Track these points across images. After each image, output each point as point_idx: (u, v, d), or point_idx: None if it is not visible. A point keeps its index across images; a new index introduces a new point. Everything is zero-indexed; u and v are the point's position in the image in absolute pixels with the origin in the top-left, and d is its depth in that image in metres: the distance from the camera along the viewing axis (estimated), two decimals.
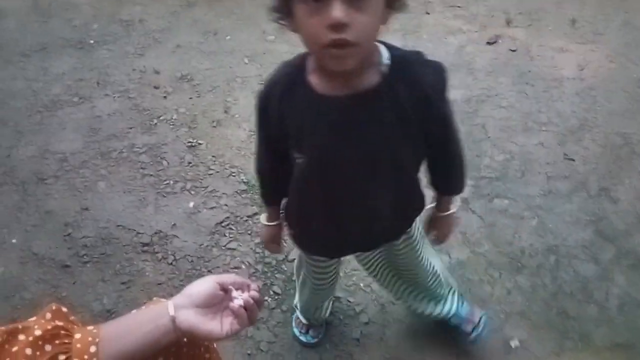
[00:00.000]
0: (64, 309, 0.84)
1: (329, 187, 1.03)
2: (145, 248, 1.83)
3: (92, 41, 2.76)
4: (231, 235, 1.84)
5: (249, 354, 1.54)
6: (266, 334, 1.58)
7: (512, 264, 1.72)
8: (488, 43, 2.61)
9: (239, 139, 2.19)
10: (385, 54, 0.92)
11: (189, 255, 1.79)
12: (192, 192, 2.00)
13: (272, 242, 1.26)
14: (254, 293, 0.88)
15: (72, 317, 0.84)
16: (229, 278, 0.89)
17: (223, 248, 1.80)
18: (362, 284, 1.67)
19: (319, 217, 1.10)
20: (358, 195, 1.04)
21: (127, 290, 1.72)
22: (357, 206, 1.06)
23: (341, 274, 1.70)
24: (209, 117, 2.30)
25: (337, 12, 0.77)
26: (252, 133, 2.22)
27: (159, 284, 1.73)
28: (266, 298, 1.65)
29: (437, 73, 0.95)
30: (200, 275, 1.72)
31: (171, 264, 1.78)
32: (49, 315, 0.82)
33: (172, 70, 2.55)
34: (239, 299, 0.87)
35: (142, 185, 2.04)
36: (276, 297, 1.66)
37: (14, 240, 1.90)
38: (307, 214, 1.12)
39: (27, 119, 2.35)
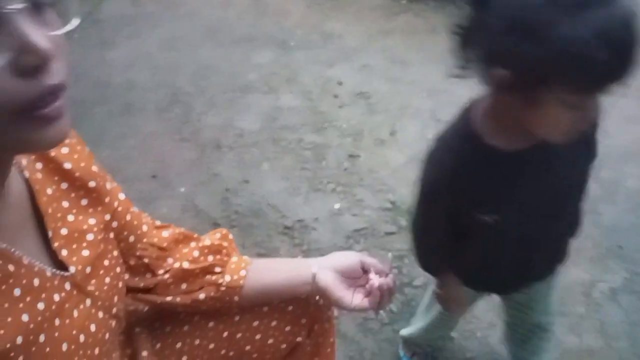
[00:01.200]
0: (230, 236, 0.98)
1: (525, 234, 1.00)
2: (286, 231, 1.97)
3: (292, 43, 3.05)
4: (365, 244, 1.91)
5: (350, 357, 1.58)
6: (372, 344, 1.61)
7: None
8: None
9: (397, 161, 2.27)
10: None
11: (321, 248, 1.89)
12: (341, 196, 2.11)
13: (454, 299, 1.21)
14: (390, 281, 0.94)
15: (233, 245, 0.97)
16: (371, 261, 0.96)
17: None
18: (479, 334, 1.63)
19: (507, 263, 1.08)
20: (548, 234, 1.03)
21: None
22: (545, 245, 1.06)
23: (460, 320, 1.68)
24: (374, 134, 2.42)
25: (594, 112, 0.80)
26: (411, 160, 2.28)
27: None
28: (393, 303, 1.68)
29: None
30: None
31: (304, 251, 1.89)
32: (218, 235, 0.97)
33: (354, 86, 2.72)
34: (375, 280, 0.92)
35: (299, 176, 2.20)
36: (391, 314, 1.69)
37: (182, 189, 2.16)
38: (493, 263, 1.09)
39: (222, 94, 2.67)
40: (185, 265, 0.90)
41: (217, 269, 0.91)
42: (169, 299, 0.89)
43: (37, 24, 0.48)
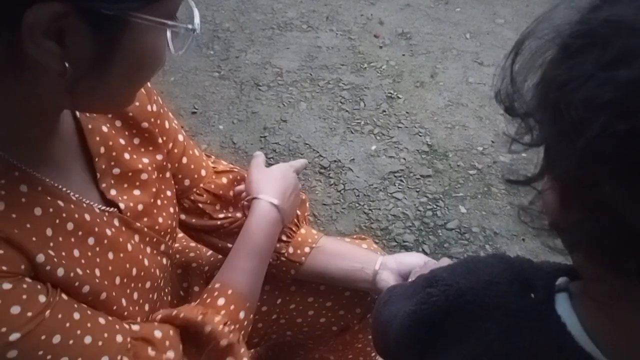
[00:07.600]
0: (307, 204, 0.97)
1: None
2: (322, 171, 2.00)
3: None
4: (400, 186, 1.92)
5: None
6: None
7: None
8: None
9: (435, 105, 2.24)
10: None
11: (357, 189, 1.92)
12: (378, 138, 2.11)
13: None
14: None
15: (307, 213, 0.97)
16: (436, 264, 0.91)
17: (389, 194, 1.90)
18: None
19: None
20: None
21: None
22: None
23: None
24: (414, 76, 2.38)
25: None
26: (451, 103, 2.25)
27: (324, 204, 1.89)
28: (427, 244, 1.71)
29: None
30: (362, 210, 1.86)
31: (339, 191, 1.92)
32: None
33: (395, 25, 2.65)
34: None
35: (337, 117, 2.20)
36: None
37: (220, 127, 2.20)
38: None
39: (261, 31, 2.65)
40: None
41: (284, 237, 0.90)
42: (229, 245, 0.88)
43: None
